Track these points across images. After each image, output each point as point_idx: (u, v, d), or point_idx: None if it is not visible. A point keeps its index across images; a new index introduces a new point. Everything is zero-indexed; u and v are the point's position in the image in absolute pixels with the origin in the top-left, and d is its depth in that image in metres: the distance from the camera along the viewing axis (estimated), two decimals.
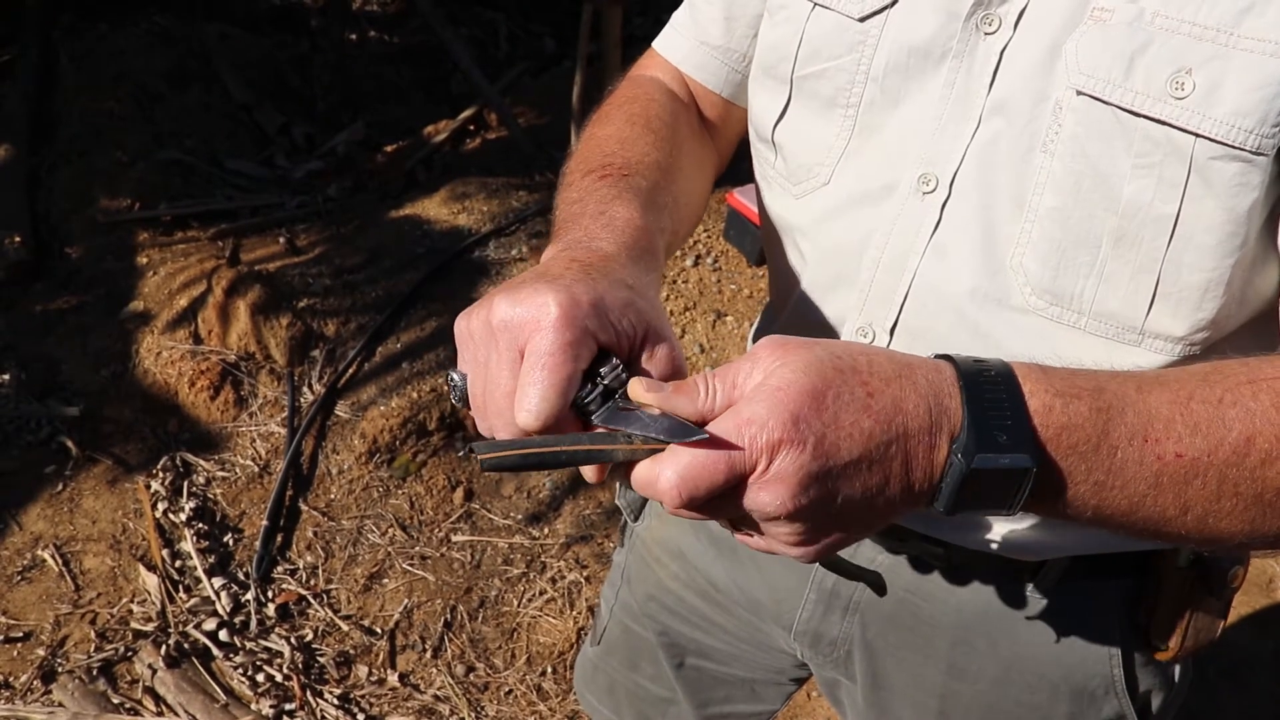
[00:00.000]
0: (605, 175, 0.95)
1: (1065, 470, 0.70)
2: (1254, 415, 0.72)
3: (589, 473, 0.73)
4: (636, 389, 0.71)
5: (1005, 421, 0.68)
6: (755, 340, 1.24)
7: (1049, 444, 0.70)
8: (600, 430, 0.71)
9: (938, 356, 0.73)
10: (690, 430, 0.67)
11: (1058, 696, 1.12)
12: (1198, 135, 0.81)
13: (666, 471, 0.67)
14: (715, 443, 0.66)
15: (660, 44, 1.20)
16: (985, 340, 0.95)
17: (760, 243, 3.50)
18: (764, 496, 0.67)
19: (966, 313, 0.94)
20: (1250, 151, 0.80)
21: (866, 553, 1.14)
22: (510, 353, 0.72)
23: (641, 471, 0.69)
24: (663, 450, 0.68)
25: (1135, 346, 0.91)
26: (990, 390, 0.69)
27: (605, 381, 0.72)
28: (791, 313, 1.10)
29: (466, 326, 0.76)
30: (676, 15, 1.19)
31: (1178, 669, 1.18)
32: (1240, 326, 0.91)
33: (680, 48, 1.17)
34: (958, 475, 0.69)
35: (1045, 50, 0.88)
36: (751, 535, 0.73)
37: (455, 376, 0.78)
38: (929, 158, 0.94)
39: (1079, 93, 0.85)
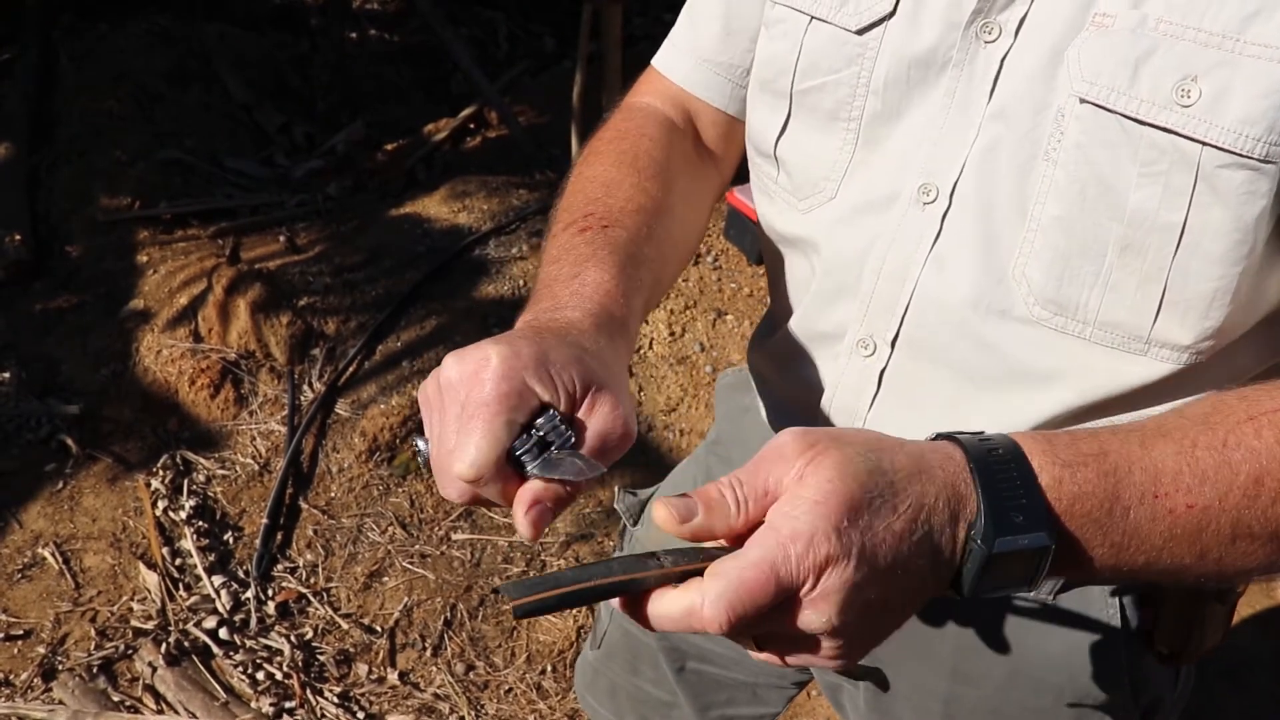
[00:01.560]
0: (585, 229, 0.94)
1: (1082, 540, 0.70)
2: (1259, 454, 0.72)
3: (615, 603, 0.70)
4: (662, 513, 0.68)
5: (1020, 501, 0.68)
6: (753, 346, 1.23)
7: (1063, 516, 0.69)
8: (600, 561, 0.68)
9: (940, 436, 0.73)
10: (718, 549, 0.65)
11: (1062, 701, 1.11)
12: (1205, 143, 0.80)
13: (711, 595, 0.63)
14: (763, 561, 0.63)
15: (660, 62, 1.17)
16: (988, 351, 0.94)
17: (760, 242, 3.54)
18: (810, 615, 0.65)
19: (969, 324, 0.93)
20: (1258, 159, 0.79)
21: None
22: (454, 409, 0.73)
23: (680, 600, 0.66)
24: (697, 571, 0.66)
25: (1141, 356, 0.90)
26: (1001, 471, 0.69)
27: (541, 433, 0.72)
28: (792, 324, 1.09)
29: (424, 394, 0.77)
30: (675, 32, 1.16)
31: (1181, 673, 1.17)
32: (1245, 333, 0.90)
33: (681, 66, 1.15)
34: (979, 561, 0.68)
35: (1046, 57, 0.86)
36: (776, 655, 0.70)
37: (420, 444, 0.78)
38: (929, 168, 0.93)
39: (1082, 100, 0.84)
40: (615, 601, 0.69)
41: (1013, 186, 0.89)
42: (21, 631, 2.53)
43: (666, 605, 0.66)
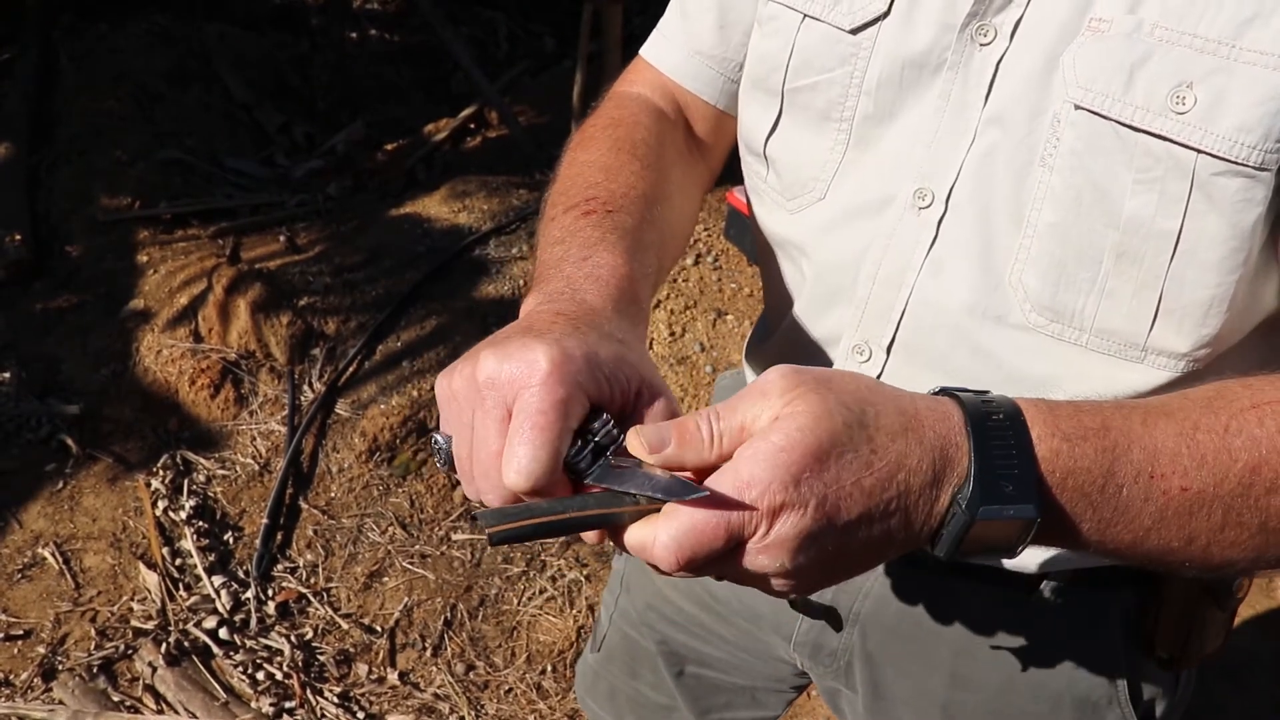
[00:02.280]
0: (589, 212, 0.92)
1: (1070, 513, 0.70)
2: (1259, 443, 0.71)
3: (589, 535, 0.70)
4: (634, 442, 0.68)
5: (1012, 470, 0.67)
6: (750, 350, 1.22)
7: (1054, 489, 0.69)
8: (596, 490, 0.68)
9: (941, 391, 0.72)
10: (690, 488, 0.64)
11: (1061, 706, 1.10)
12: (1200, 151, 0.79)
13: (662, 536, 0.64)
14: (715, 501, 0.64)
15: (650, 53, 1.16)
16: (985, 358, 0.93)
17: (754, 243, 3.54)
18: (763, 560, 0.65)
19: (965, 330, 0.93)
20: (1253, 167, 0.79)
21: None
22: (498, 411, 0.69)
23: (635, 534, 0.66)
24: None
25: (1138, 364, 0.89)
26: (998, 436, 0.68)
27: (597, 438, 0.69)
28: (787, 328, 1.08)
29: (449, 386, 0.73)
30: (665, 21, 1.15)
31: (1181, 678, 1.16)
32: (1240, 341, 0.90)
33: (671, 57, 1.13)
34: (960, 526, 0.68)
35: (1042, 61, 0.86)
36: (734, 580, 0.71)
37: (439, 439, 0.75)
38: (925, 172, 0.92)
39: (1077, 106, 0.83)
40: (592, 535, 0.69)
41: (1009, 192, 0.88)
42: (21, 631, 2.52)
43: (629, 538, 0.67)
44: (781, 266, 1.08)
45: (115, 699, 2.39)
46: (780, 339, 1.10)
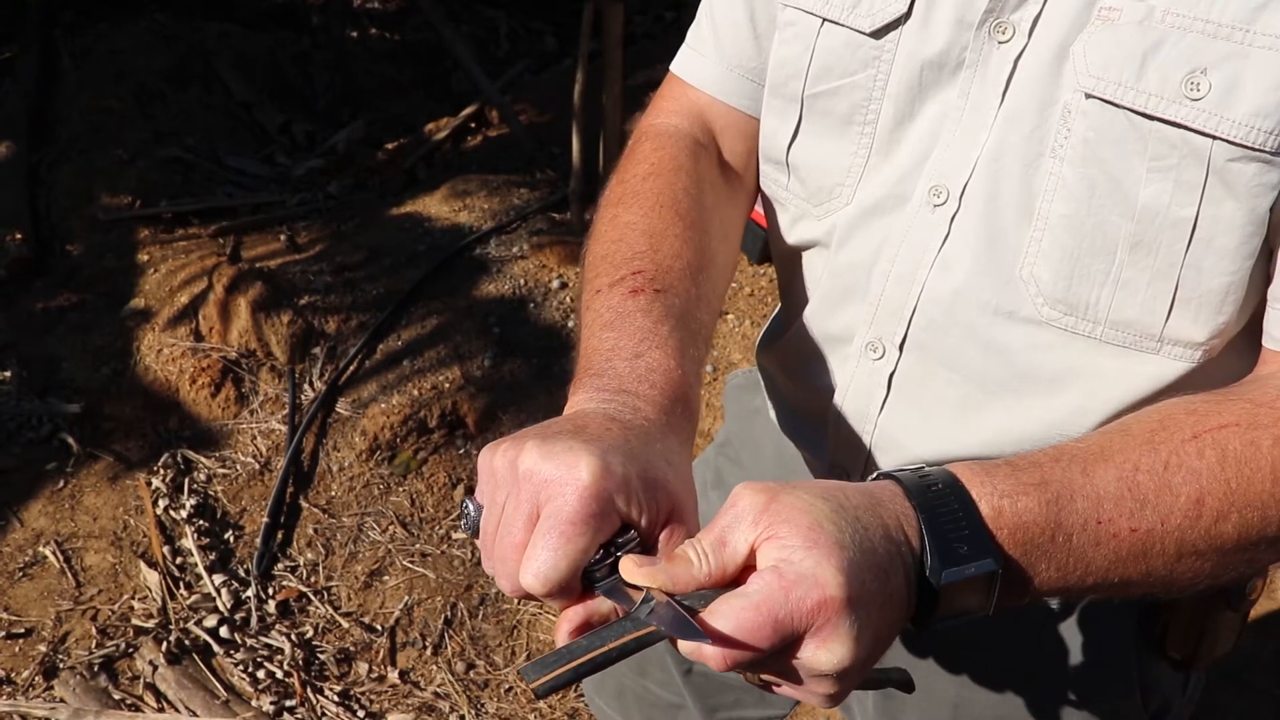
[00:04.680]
0: (636, 290, 0.90)
1: (1027, 566, 0.71)
2: (1200, 475, 0.73)
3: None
4: (628, 567, 0.69)
5: (963, 532, 0.69)
6: (762, 347, 1.22)
7: (1006, 545, 0.70)
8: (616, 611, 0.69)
9: (879, 477, 0.74)
10: (690, 629, 0.65)
11: (1072, 706, 1.11)
12: (1215, 137, 0.79)
13: (707, 649, 0.65)
14: (753, 602, 0.65)
15: (684, 69, 1.12)
16: (997, 354, 0.93)
17: (761, 241, 3.51)
18: (822, 654, 0.66)
19: (976, 326, 0.93)
20: (1269, 152, 0.78)
21: None
22: (529, 505, 0.70)
23: (685, 646, 0.67)
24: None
25: (1153, 355, 0.89)
26: (941, 504, 0.70)
27: (618, 554, 0.70)
28: (801, 326, 1.08)
29: (490, 461, 0.74)
30: (694, 35, 1.11)
31: (1191, 679, 1.17)
32: (1246, 330, 0.90)
33: (708, 73, 1.09)
34: (930, 593, 0.70)
35: (1053, 53, 0.85)
36: (780, 686, 0.72)
37: (470, 507, 0.77)
38: (941, 170, 0.92)
39: (1088, 95, 0.83)
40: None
41: (1020, 185, 0.88)
42: (23, 630, 2.53)
43: (681, 648, 0.67)
44: (800, 265, 1.08)
45: (116, 697, 2.40)
46: (794, 337, 1.10)
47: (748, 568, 0.68)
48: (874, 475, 0.75)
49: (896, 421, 1.01)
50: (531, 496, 0.70)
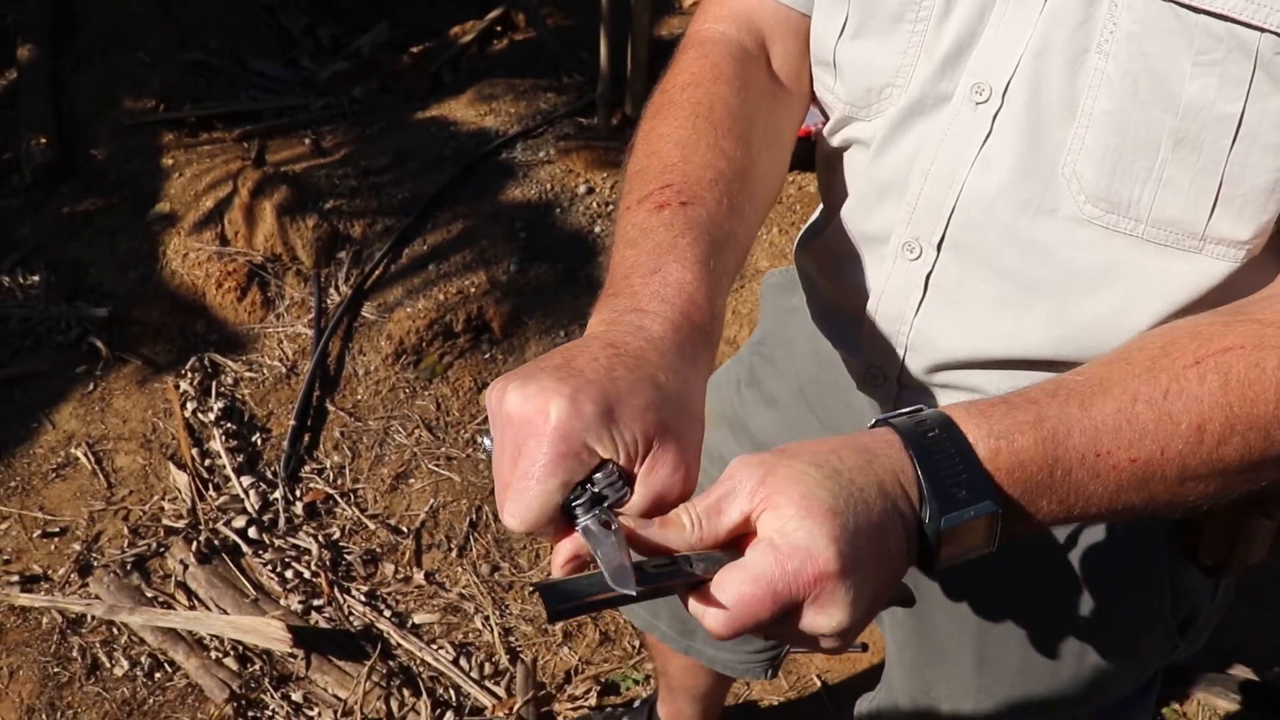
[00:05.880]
0: (662, 205, 0.90)
1: (1027, 503, 0.73)
2: (1200, 401, 0.73)
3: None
4: (628, 520, 0.72)
5: (960, 476, 0.71)
6: (801, 245, 1.22)
7: (1005, 485, 0.72)
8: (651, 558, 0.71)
9: (877, 423, 0.75)
10: (715, 559, 0.68)
11: (1101, 609, 1.11)
12: (1264, 29, 0.78)
13: (711, 613, 0.68)
14: (751, 576, 0.67)
15: None
16: (1036, 253, 0.92)
17: (817, 143, 3.52)
18: (820, 619, 0.68)
19: (1016, 226, 0.92)
20: None
21: None
22: (510, 448, 0.73)
23: (693, 608, 0.70)
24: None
25: (1195, 254, 0.88)
26: (937, 449, 0.71)
27: (596, 489, 0.72)
28: (839, 225, 1.07)
29: (489, 401, 0.77)
30: None
31: (1221, 586, 1.17)
32: None
33: None
34: (933, 539, 0.71)
35: None
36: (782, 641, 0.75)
37: (487, 443, 0.79)
38: (984, 66, 0.91)
39: None
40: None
41: (1064, 82, 0.87)
42: (57, 529, 2.58)
43: (691, 607, 0.70)
44: (839, 166, 1.08)
45: (149, 595, 2.45)
46: (831, 236, 1.09)
47: (748, 535, 0.70)
48: (872, 422, 0.76)
49: (933, 323, 1.01)
50: (513, 438, 0.73)
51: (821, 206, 1.18)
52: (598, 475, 0.73)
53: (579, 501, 0.72)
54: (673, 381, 0.77)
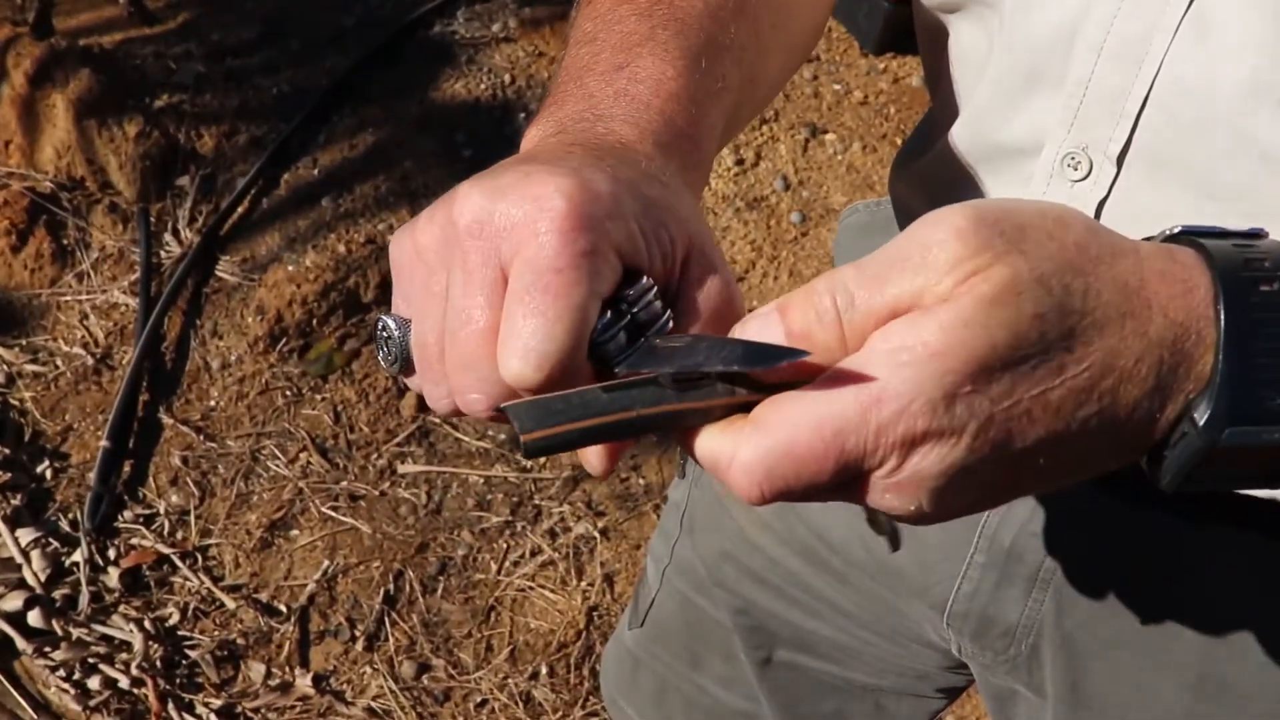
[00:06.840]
0: None
1: None
2: None
3: (595, 460, 0.77)
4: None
5: None
6: (898, 168, 1.27)
7: None
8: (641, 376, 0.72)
9: (1182, 234, 0.74)
10: (776, 352, 0.68)
11: None
12: None
13: (745, 454, 0.67)
14: (816, 418, 0.67)
15: None
16: (1274, 167, 0.92)
17: (881, 16, 3.78)
18: (891, 499, 0.69)
19: (1245, 126, 0.91)
20: None
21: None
22: (488, 271, 0.72)
23: (708, 443, 0.70)
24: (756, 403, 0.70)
25: None
26: (1264, 312, 0.70)
27: (635, 310, 0.73)
28: (958, 135, 1.12)
29: (412, 243, 0.77)
30: None
31: None
32: None
33: None
34: (1192, 453, 0.70)
35: None
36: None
37: (389, 323, 0.80)
38: None
39: None
40: (596, 458, 0.78)
41: None
42: None
43: (700, 446, 0.70)
44: (953, 44, 1.12)
45: None
46: (944, 151, 1.13)
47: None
48: (1175, 229, 0.74)
49: None
50: (489, 257, 0.72)
51: (930, 107, 1.24)
52: (629, 293, 0.73)
53: (611, 334, 0.72)
54: (674, 186, 0.80)
